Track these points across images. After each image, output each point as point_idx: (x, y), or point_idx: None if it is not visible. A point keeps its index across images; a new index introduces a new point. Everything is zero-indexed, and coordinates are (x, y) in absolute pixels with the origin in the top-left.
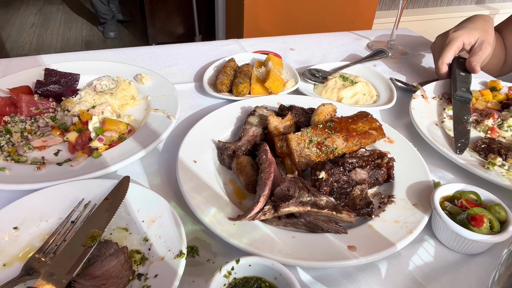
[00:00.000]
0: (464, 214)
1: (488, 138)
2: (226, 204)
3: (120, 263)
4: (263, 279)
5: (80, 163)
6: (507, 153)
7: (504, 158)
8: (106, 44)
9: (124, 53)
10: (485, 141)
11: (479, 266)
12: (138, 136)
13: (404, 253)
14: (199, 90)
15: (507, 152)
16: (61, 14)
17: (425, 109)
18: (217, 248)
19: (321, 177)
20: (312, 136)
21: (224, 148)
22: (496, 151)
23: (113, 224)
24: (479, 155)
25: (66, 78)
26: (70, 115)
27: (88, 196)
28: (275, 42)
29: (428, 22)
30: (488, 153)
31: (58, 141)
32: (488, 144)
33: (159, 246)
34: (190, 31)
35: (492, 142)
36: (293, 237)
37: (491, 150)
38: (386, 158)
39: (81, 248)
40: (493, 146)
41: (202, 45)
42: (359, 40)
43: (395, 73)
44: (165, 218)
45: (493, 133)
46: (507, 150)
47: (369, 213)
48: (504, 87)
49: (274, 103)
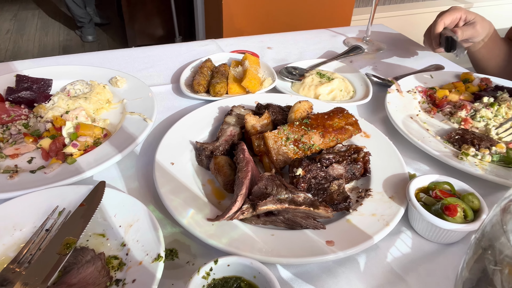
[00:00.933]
0: (438, 204)
1: (461, 129)
2: (205, 205)
3: (97, 269)
4: (243, 278)
5: (54, 170)
6: (480, 143)
7: (477, 148)
8: (85, 48)
9: (100, 56)
10: (458, 132)
11: (455, 254)
12: (114, 140)
13: (382, 245)
14: (176, 91)
15: (480, 142)
16: (37, 19)
17: (400, 103)
18: (196, 249)
19: (298, 174)
20: (289, 133)
21: (202, 149)
22: (469, 142)
23: (89, 230)
24: (453, 146)
25: (39, 84)
26: (43, 121)
27: (62, 203)
28: (253, 41)
29: (404, 18)
30: (461, 144)
31: (31, 148)
32: (462, 135)
33: (137, 251)
34: (170, 32)
35: (465, 132)
36: (272, 235)
37: (464, 140)
38: (362, 153)
39: (56, 256)
40: (466, 137)
41: (179, 46)
42: (336, 37)
43: (370, 69)
44: (143, 222)
45: (467, 124)
46: (479, 140)
47: (346, 207)
48: (477, 78)
49: (251, 102)
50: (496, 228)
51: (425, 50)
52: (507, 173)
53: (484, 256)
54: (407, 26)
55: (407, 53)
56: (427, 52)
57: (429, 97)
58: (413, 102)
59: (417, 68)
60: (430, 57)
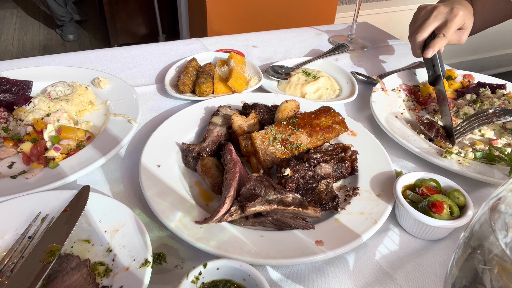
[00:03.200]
0: (425, 201)
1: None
2: (193, 208)
3: (83, 276)
4: (232, 281)
5: (36, 175)
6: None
7: (439, 135)
8: (66, 47)
9: (81, 56)
10: (428, 118)
11: (442, 251)
12: (98, 143)
13: (370, 243)
14: (161, 92)
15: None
16: (16, 18)
17: (385, 102)
18: (185, 253)
19: (286, 174)
20: (276, 133)
21: (188, 150)
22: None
23: (73, 236)
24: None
25: (18, 86)
26: (24, 124)
27: (45, 209)
28: (238, 40)
29: (388, 15)
30: (429, 128)
31: (12, 152)
32: (430, 122)
33: (123, 256)
34: (153, 31)
35: (432, 121)
36: (261, 236)
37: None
38: (349, 151)
39: (39, 264)
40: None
41: (163, 46)
42: (321, 35)
43: (356, 67)
44: (129, 227)
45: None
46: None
47: (335, 206)
48: (459, 75)
49: (238, 101)
50: (485, 227)
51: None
52: (490, 170)
53: (474, 255)
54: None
55: (391, 50)
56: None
57: (414, 95)
58: (398, 100)
59: (402, 65)
60: None
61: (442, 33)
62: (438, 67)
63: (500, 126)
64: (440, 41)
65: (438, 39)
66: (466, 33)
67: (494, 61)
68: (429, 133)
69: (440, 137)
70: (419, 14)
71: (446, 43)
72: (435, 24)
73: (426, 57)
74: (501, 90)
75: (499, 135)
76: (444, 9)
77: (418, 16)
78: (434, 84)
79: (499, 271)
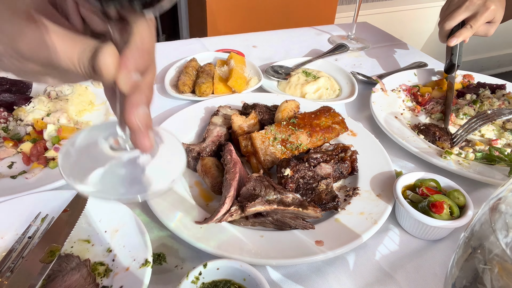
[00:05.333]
0: (425, 201)
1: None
2: (193, 208)
3: (83, 276)
4: (232, 281)
5: (36, 175)
6: (441, 136)
7: (437, 138)
8: None
9: None
10: (425, 124)
11: (442, 251)
12: None
13: (370, 243)
14: (161, 91)
15: (441, 135)
16: None
17: (385, 102)
18: (185, 253)
19: (286, 174)
20: (276, 133)
21: (188, 150)
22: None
23: (73, 236)
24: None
25: (18, 86)
26: (24, 124)
27: (45, 209)
28: (238, 40)
29: (388, 15)
30: (427, 133)
31: (12, 153)
32: (427, 126)
33: (123, 256)
34: None
35: (430, 125)
36: (261, 236)
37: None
38: (349, 151)
39: (39, 264)
40: (430, 128)
41: (163, 45)
42: (321, 35)
43: (356, 67)
44: (129, 227)
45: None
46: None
47: (335, 206)
48: (459, 75)
49: (238, 101)
50: (485, 227)
51: (409, 48)
52: (490, 171)
53: (474, 255)
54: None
55: (391, 50)
56: (410, 49)
57: (413, 95)
58: (398, 100)
59: (401, 65)
60: (413, 54)
61: (470, 24)
62: (456, 56)
63: (500, 126)
64: (466, 32)
65: (465, 29)
66: (494, 26)
67: (494, 61)
68: (426, 139)
69: (439, 139)
70: (453, 0)
71: (472, 35)
72: (465, 15)
73: (449, 44)
74: (501, 90)
75: (499, 136)
76: (477, 0)
77: (451, 2)
78: (448, 72)
79: (499, 271)
